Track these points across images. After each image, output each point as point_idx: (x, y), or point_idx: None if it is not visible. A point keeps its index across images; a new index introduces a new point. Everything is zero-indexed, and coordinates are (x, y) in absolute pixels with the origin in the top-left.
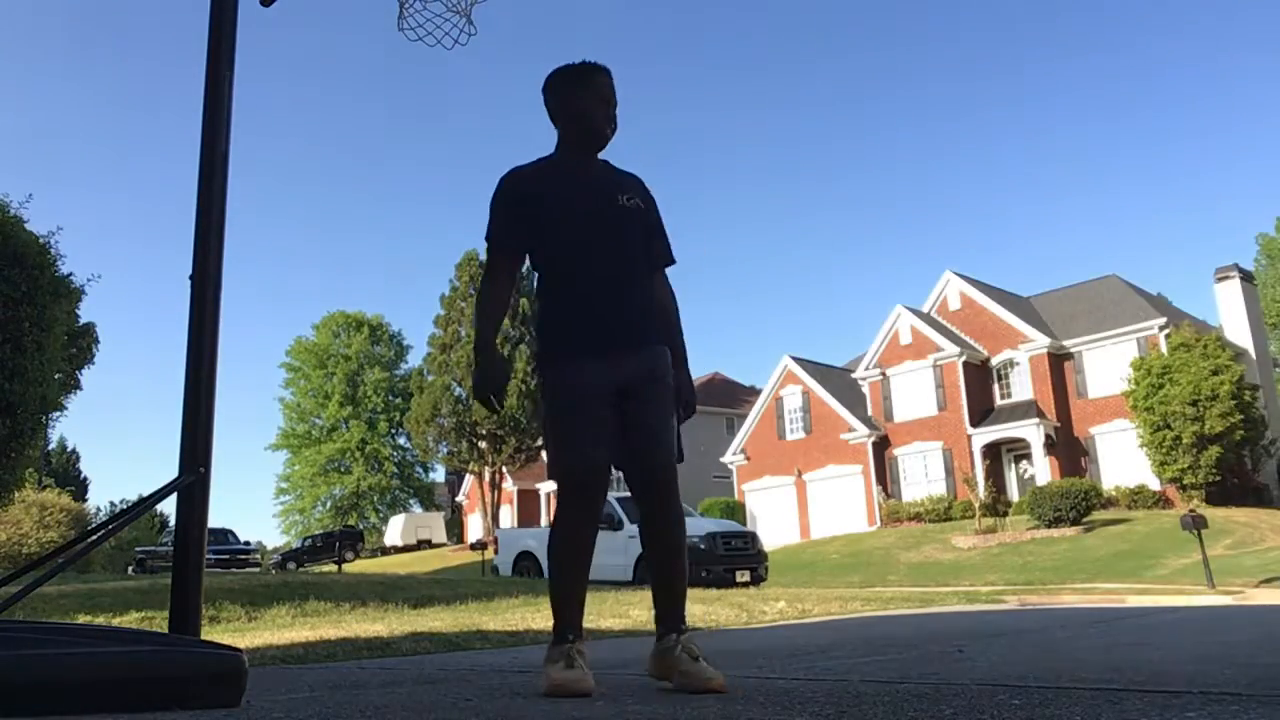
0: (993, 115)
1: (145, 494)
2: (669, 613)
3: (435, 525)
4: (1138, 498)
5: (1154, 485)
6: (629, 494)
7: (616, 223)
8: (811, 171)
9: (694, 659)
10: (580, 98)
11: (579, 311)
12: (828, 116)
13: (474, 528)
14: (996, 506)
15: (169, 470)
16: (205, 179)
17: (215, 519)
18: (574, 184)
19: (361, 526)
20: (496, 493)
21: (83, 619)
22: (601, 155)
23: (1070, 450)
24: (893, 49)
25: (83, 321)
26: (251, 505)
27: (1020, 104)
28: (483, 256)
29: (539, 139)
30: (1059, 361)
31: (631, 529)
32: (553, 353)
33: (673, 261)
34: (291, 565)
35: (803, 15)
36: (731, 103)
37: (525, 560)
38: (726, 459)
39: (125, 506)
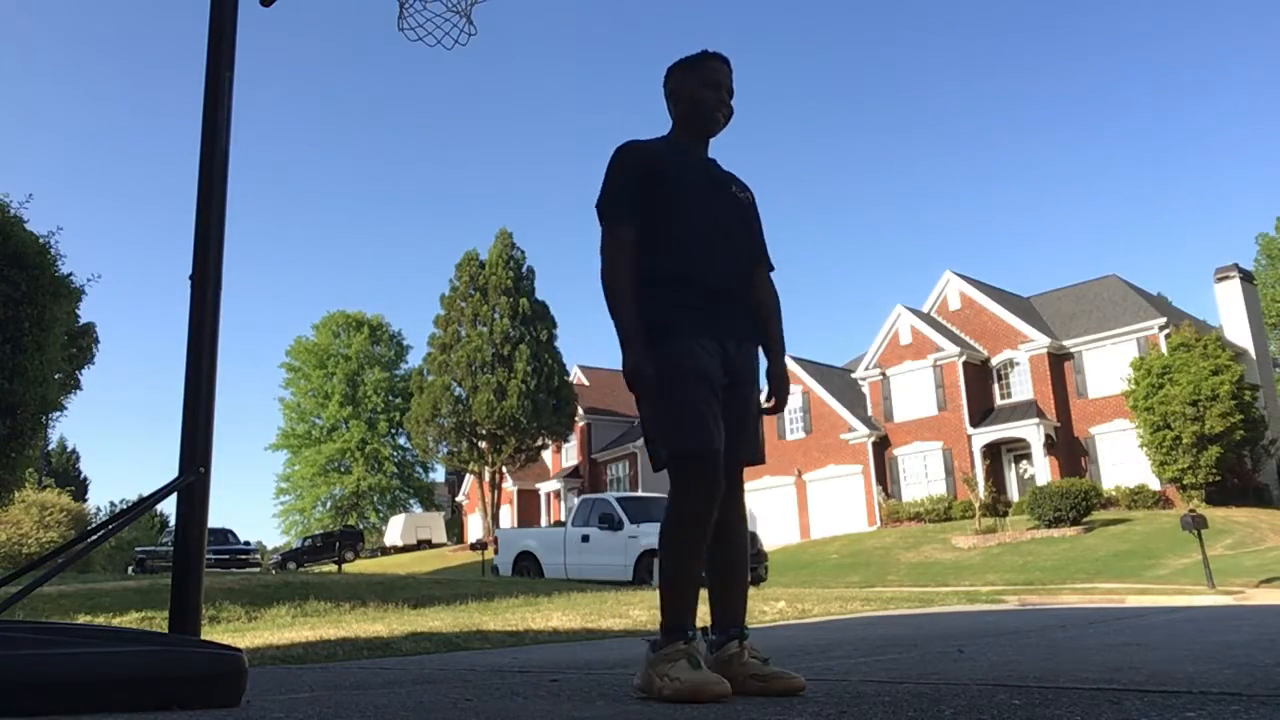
0: (993, 115)
1: (145, 494)
2: (729, 617)
3: (435, 525)
4: (1138, 498)
5: (1154, 485)
6: (630, 494)
7: (730, 209)
8: (811, 171)
9: (765, 662)
10: (691, 82)
11: (693, 290)
12: (826, 116)
13: (474, 528)
14: (996, 506)
15: (169, 470)
16: (205, 179)
17: (215, 519)
18: (690, 164)
19: (361, 526)
20: (496, 493)
21: (83, 619)
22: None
23: (1070, 450)
24: (892, 48)
25: (83, 321)
26: (251, 505)
27: (1020, 104)
28: (483, 256)
29: (539, 138)
30: (1059, 361)
31: (632, 529)
32: (669, 326)
33: (772, 267)
34: (291, 565)
35: (800, 13)
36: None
37: (525, 560)
38: None
39: (125, 506)
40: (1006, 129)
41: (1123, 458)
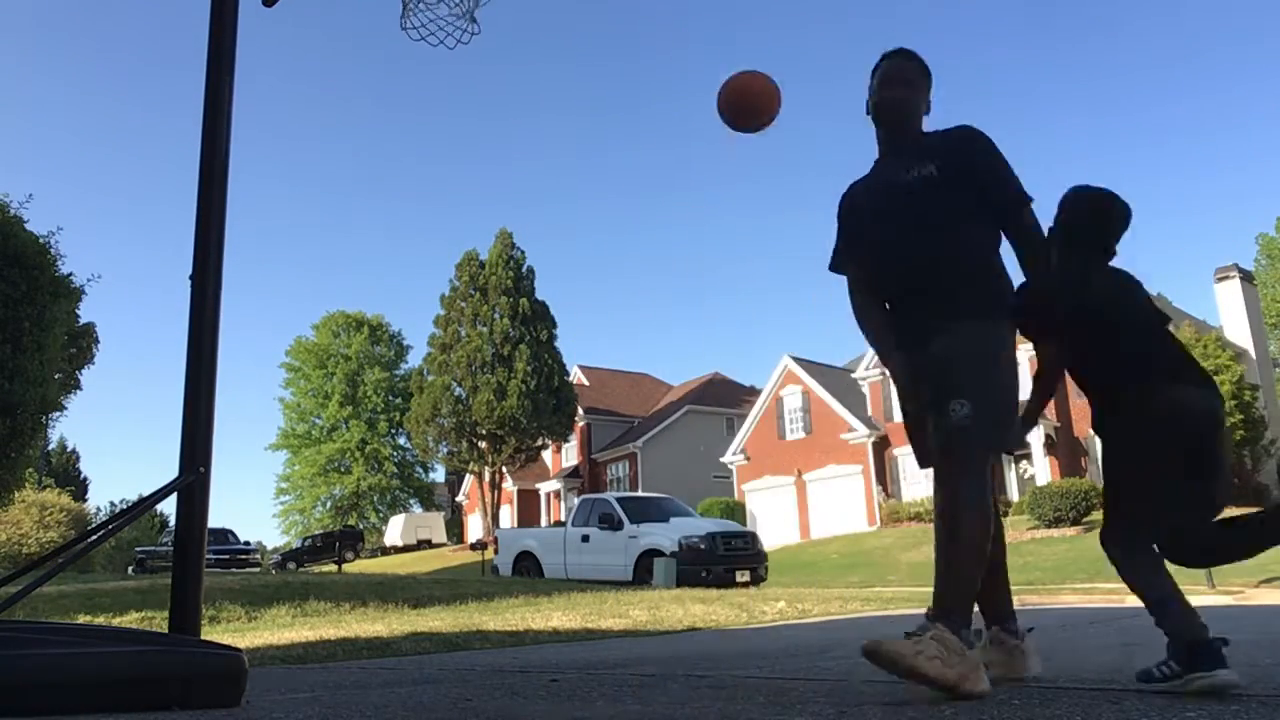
0: (991, 113)
1: (145, 494)
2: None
3: (435, 525)
4: None
5: None
6: (630, 494)
7: (903, 209)
8: (810, 169)
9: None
10: (871, 87)
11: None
12: (825, 113)
13: (474, 528)
14: (996, 506)
15: (169, 470)
16: (205, 179)
17: (215, 519)
18: (874, 184)
19: (361, 526)
20: (496, 493)
21: (83, 619)
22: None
23: (1070, 450)
24: (889, 44)
25: (83, 321)
26: (251, 505)
27: (1019, 102)
28: (483, 256)
29: (540, 138)
30: None
31: (632, 529)
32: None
33: (1022, 202)
34: (291, 565)
35: (799, 8)
36: None
37: (525, 560)
38: (726, 459)
39: (125, 506)
40: (1004, 127)
41: None
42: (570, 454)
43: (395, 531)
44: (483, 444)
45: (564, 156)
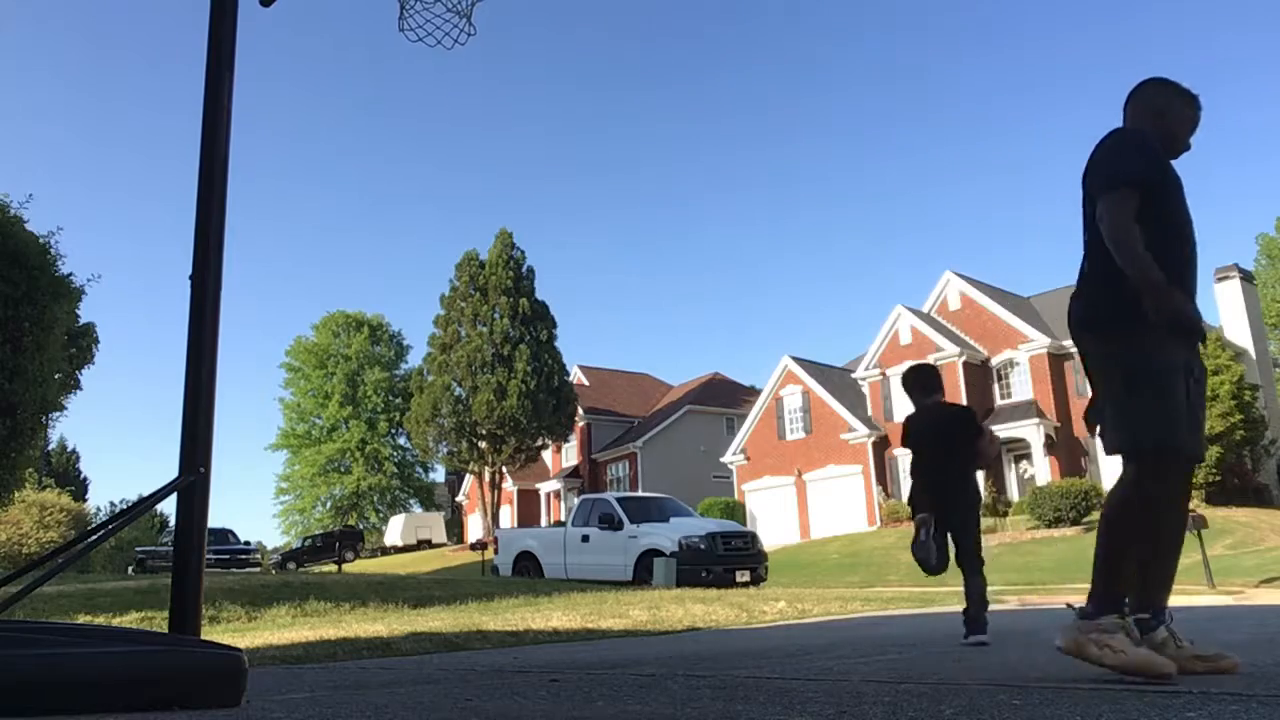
0: (992, 112)
1: (145, 494)
2: (1156, 598)
3: (435, 525)
4: None
5: None
6: (630, 494)
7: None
8: (811, 171)
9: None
10: (1184, 110)
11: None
12: (827, 116)
13: (474, 528)
14: (997, 506)
15: (169, 470)
16: (205, 179)
17: (215, 519)
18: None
19: (361, 526)
20: (496, 493)
21: (83, 619)
22: None
23: (1070, 450)
24: (892, 44)
25: (83, 321)
26: (251, 505)
27: (1019, 102)
28: (483, 256)
29: (540, 138)
30: (1059, 361)
31: (632, 529)
32: (1165, 330)
33: None
34: (291, 565)
35: (799, 12)
36: (730, 103)
37: (525, 560)
38: (726, 459)
39: (125, 506)
40: (1006, 126)
41: None
42: (570, 454)
43: (395, 531)
44: (483, 444)
45: (564, 157)
